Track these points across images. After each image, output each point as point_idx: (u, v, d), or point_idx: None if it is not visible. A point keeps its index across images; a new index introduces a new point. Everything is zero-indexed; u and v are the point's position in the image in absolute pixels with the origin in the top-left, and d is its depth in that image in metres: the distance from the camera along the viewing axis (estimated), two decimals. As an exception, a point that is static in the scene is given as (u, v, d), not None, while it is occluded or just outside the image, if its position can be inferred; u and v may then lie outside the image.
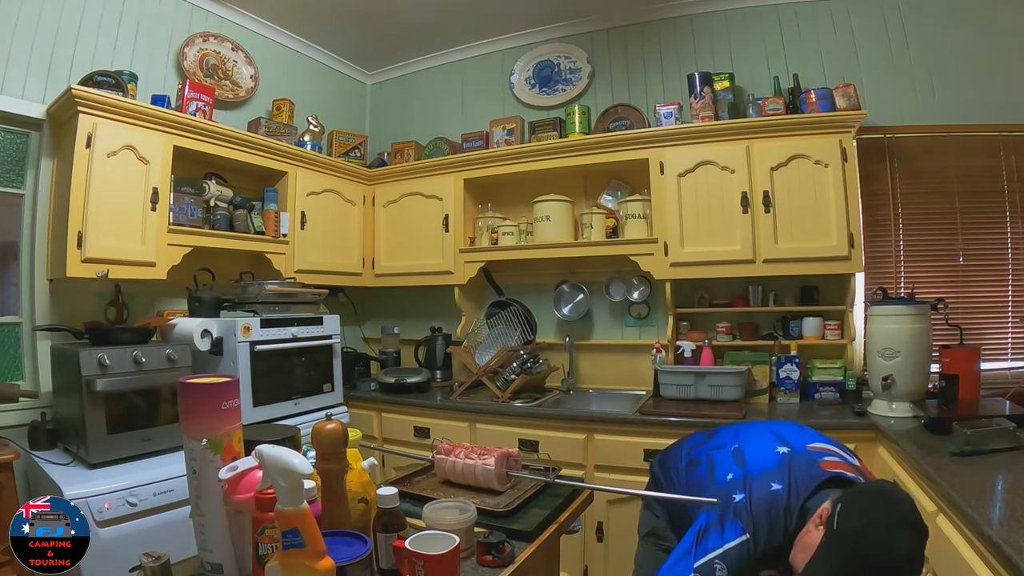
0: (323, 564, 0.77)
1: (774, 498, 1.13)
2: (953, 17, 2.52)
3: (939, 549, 1.29)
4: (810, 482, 1.13)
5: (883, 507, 1.00)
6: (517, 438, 2.46)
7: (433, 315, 3.37)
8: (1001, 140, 2.45)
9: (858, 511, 1.00)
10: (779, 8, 2.80)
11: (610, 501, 2.26)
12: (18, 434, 2.00)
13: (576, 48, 3.24)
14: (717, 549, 1.12)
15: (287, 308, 2.61)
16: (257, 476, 0.90)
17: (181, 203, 2.39)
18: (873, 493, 1.05)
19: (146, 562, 0.88)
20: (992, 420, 1.65)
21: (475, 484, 1.33)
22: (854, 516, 0.99)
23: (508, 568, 1.01)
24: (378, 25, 3.23)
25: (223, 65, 2.88)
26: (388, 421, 2.85)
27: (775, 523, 1.11)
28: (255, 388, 2.34)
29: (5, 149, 2.17)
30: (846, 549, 0.97)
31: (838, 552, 0.98)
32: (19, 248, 2.20)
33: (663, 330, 2.83)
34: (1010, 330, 2.47)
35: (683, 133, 2.60)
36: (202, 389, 0.93)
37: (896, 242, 2.59)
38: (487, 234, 3.09)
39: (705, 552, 1.13)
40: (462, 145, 3.29)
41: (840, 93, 2.49)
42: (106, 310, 2.32)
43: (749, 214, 2.46)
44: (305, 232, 2.91)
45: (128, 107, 2.16)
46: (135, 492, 1.71)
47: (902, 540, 0.96)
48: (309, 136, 3.10)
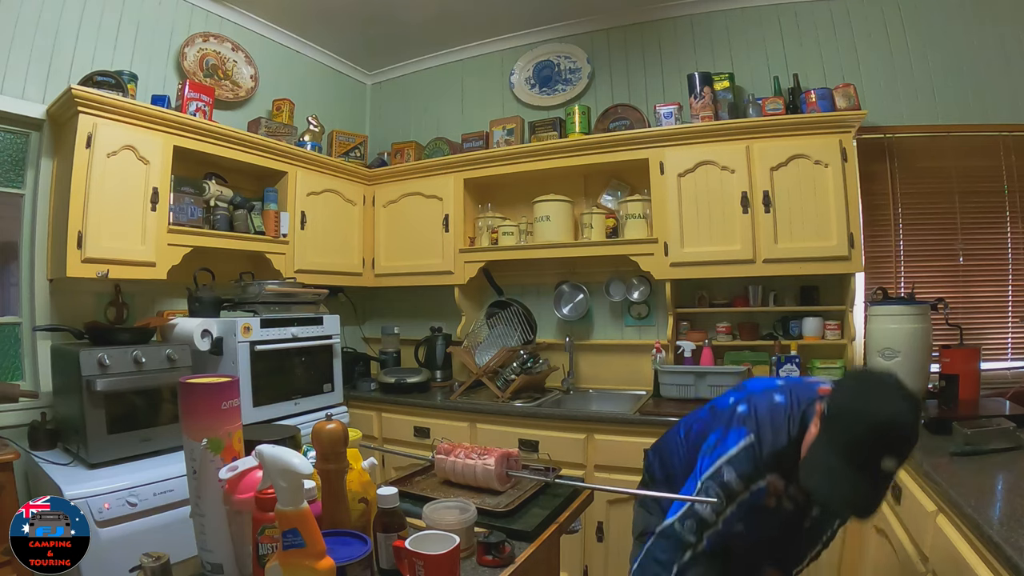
0: (323, 564, 0.77)
1: (776, 407, 1.19)
2: (953, 17, 2.52)
3: (939, 549, 1.29)
4: (810, 396, 1.18)
5: (870, 384, 1.06)
6: (517, 438, 2.46)
7: (433, 315, 3.37)
8: (1001, 140, 2.45)
9: (847, 393, 1.05)
10: (779, 8, 2.80)
11: (610, 501, 2.26)
12: (18, 434, 2.00)
13: (576, 48, 3.24)
14: (724, 455, 1.17)
15: (287, 308, 2.61)
16: (257, 476, 0.90)
17: (181, 203, 2.38)
18: (859, 376, 1.13)
19: (146, 562, 0.88)
20: (992, 420, 1.65)
21: (475, 484, 1.33)
22: (844, 398, 1.05)
23: (508, 568, 1.01)
24: (378, 25, 3.23)
25: (223, 65, 2.88)
26: (388, 421, 2.85)
27: (778, 428, 1.15)
28: (255, 388, 2.34)
29: (5, 149, 2.17)
30: (841, 427, 1.01)
31: (834, 434, 1.02)
32: (19, 248, 2.20)
33: (663, 330, 2.84)
34: (1010, 330, 2.47)
35: (683, 133, 2.60)
36: (202, 389, 0.93)
37: (896, 242, 2.59)
38: (487, 234, 3.09)
39: (713, 461, 1.18)
40: (462, 145, 3.29)
41: (840, 93, 2.49)
42: (106, 310, 2.32)
43: (749, 214, 2.46)
44: (305, 232, 2.91)
45: (128, 107, 2.16)
46: (135, 492, 1.71)
47: (893, 404, 0.99)
48: (309, 136, 3.10)
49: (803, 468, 1.07)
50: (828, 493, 1.01)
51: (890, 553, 1.67)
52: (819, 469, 1.02)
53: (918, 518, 1.45)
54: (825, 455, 1.02)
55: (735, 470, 1.15)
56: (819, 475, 1.02)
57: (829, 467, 1.00)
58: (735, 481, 1.15)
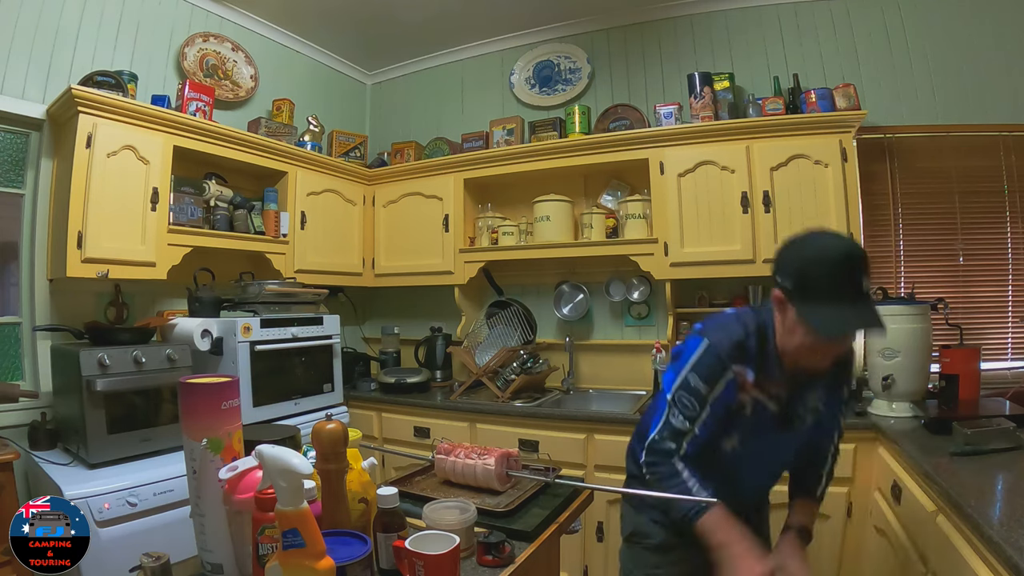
0: (323, 564, 0.77)
1: (725, 315, 1.29)
2: (953, 17, 2.52)
3: (939, 549, 1.29)
4: (758, 309, 1.28)
5: (792, 246, 1.18)
6: (517, 438, 2.46)
7: (433, 315, 3.37)
8: (1001, 140, 2.45)
9: (785, 264, 1.17)
10: (779, 8, 2.80)
11: (610, 501, 2.26)
12: (18, 434, 2.00)
13: (576, 48, 3.24)
14: (686, 364, 1.23)
15: (287, 308, 2.61)
16: (257, 476, 0.90)
17: (181, 203, 2.38)
18: (782, 251, 1.20)
19: (146, 562, 0.88)
20: (992, 420, 1.64)
21: (475, 484, 1.33)
22: (786, 268, 1.16)
23: (508, 568, 1.01)
24: (378, 25, 3.23)
25: (223, 65, 2.88)
26: (388, 421, 2.85)
27: (731, 327, 1.23)
28: (255, 388, 2.34)
29: (5, 149, 2.17)
30: (800, 285, 1.12)
31: (799, 293, 1.12)
32: (19, 248, 2.20)
33: (663, 330, 2.83)
34: (1010, 330, 2.47)
35: (683, 133, 2.60)
36: (202, 389, 0.93)
37: (896, 242, 2.59)
38: (487, 234, 3.09)
39: (678, 373, 1.25)
40: (462, 145, 3.29)
41: (840, 93, 2.49)
42: (106, 310, 2.32)
43: (749, 214, 2.46)
44: (305, 232, 2.91)
45: (128, 107, 2.16)
46: (135, 492, 1.71)
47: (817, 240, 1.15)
48: (309, 136, 3.10)
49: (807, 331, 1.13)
50: (834, 331, 1.10)
51: (890, 553, 1.68)
52: (813, 320, 1.10)
53: (918, 518, 1.45)
54: (808, 312, 1.10)
55: (698, 374, 1.21)
56: (817, 322, 1.09)
57: (818, 316, 1.09)
58: (702, 385, 1.20)
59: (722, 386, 1.20)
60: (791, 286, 1.13)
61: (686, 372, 1.22)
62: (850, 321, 1.10)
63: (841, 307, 1.08)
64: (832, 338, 1.13)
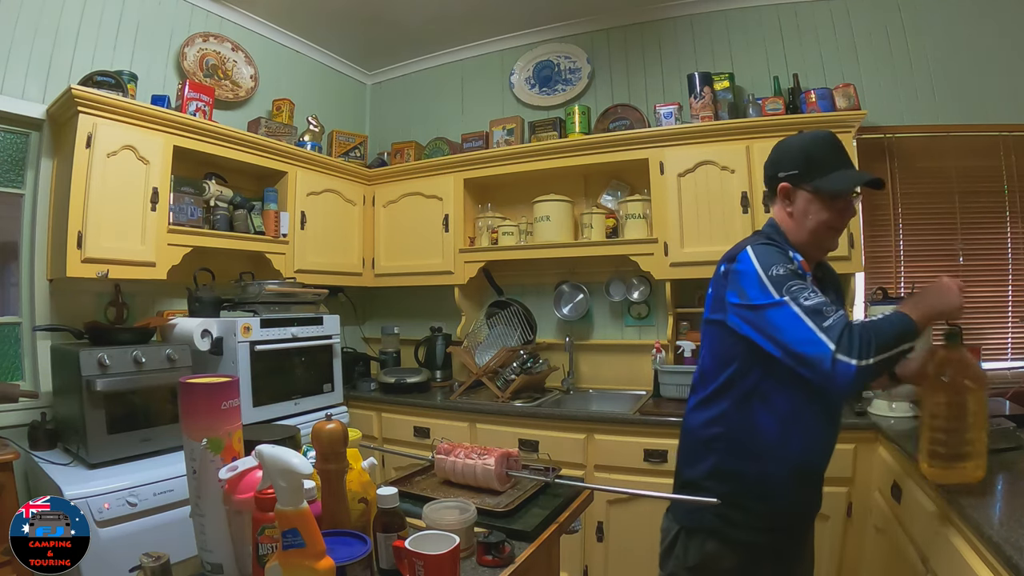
0: (323, 564, 0.77)
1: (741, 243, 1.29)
2: (953, 17, 2.52)
3: (939, 549, 1.29)
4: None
5: (788, 138, 1.32)
6: (517, 438, 2.46)
7: (433, 315, 3.37)
8: (1001, 140, 2.45)
9: (784, 150, 1.30)
10: (779, 8, 2.80)
11: (610, 501, 2.26)
12: (18, 434, 2.00)
13: (576, 48, 3.24)
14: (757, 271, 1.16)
15: (287, 308, 2.61)
16: (257, 476, 0.90)
17: (181, 203, 2.38)
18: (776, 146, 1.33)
19: (146, 562, 0.88)
20: (992, 420, 1.64)
21: (475, 484, 1.33)
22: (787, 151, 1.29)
23: (508, 568, 1.01)
24: (378, 25, 3.23)
25: (223, 65, 2.88)
26: (388, 421, 2.85)
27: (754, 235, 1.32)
28: (255, 388, 2.34)
29: (5, 149, 2.17)
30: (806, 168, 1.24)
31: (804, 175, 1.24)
32: (19, 248, 2.20)
33: (663, 330, 2.83)
34: (1010, 330, 2.47)
35: (683, 133, 2.60)
36: (202, 389, 0.93)
37: (896, 242, 2.59)
38: (487, 234, 3.09)
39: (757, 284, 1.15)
40: (462, 145, 3.29)
41: (840, 93, 2.49)
42: (106, 310, 2.32)
43: (749, 214, 2.46)
44: (305, 232, 2.91)
45: (128, 107, 2.16)
46: (135, 492, 1.71)
47: (812, 132, 1.31)
48: (309, 136, 3.10)
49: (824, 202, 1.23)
50: (854, 182, 1.23)
51: (890, 553, 1.68)
52: (832, 183, 1.22)
53: (918, 518, 1.45)
54: (824, 181, 1.22)
55: (775, 264, 1.14)
56: (836, 183, 1.21)
57: (834, 180, 1.21)
58: (788, 265, 1.15)
59: (797, 265, 1.18)
60: (800, 169, 1.25)
61: (766, 270, 1.13)
62: (861, 175, 1.25)
63: (848, 169, 1.24)
64: (852, 194, 1.24)
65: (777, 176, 1.29)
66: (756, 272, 1.15)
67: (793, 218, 1.28)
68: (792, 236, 1.28)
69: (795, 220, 1.27)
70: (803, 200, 1.25)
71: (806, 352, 1.05)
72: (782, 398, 1.21)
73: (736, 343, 1.22)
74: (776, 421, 1.22)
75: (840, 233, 1.29)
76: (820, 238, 1.26)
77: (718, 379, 1.27)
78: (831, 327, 1.04)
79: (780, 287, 1.10)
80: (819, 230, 1.25)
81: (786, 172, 1.27)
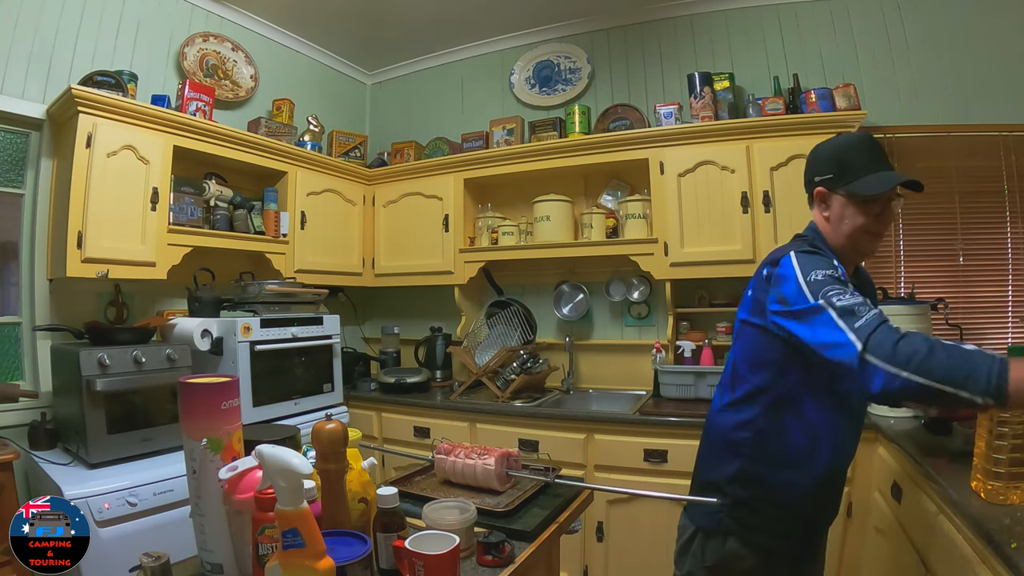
0: (323, 564, 0.77)
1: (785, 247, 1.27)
2: (953, 17, 2.52)
3: (939, 549, 1.29)
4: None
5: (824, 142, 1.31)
6: (517, 438, 2.46)
7: (433, 315, 3.37)
8: (1001, 140, 2.45)
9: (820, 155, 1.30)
10: (779, 8, 2.80)
11: (610, 501, 2.26)
12: (18, 434, 2.00)
13: (576, 48, 3.24)
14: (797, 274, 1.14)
15: (287, 308, 2.61)
16: (257, 476, 0.90)
17: (181, 203, 2.38)
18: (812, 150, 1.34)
19: (146, 562, 0.88)
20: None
21: (475, 484, 1.33)
22: (823, 155, 1.29)
23: (508, 568, 1.01)
24: (378, 25, 3.23)
25: (223, 65, 2.88)
26: (388, 421, 2.85)
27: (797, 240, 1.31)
28: (255, 388, 2.34)
29: (5, 149, 2.17)
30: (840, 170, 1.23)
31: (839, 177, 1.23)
32: (19, 248, 2.20)
33: (663, 330, 2.83)
34: (1010, 330, 2.47)
35: (683, 133, 2.60)
36: (202, 389, 0.93)
37: (896, 242, 2.59)
38: (487, 234, 3.09)
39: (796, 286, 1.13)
40: (462, 145, 3.29)
41: (840, 93, 2.49)
42: (106, 310, 2.32)
43: (749, 214, 2.46)
44: (305, 232, 2.91)
45: (128, 107, 2.16)
46: (135, 492, 1.71)
47: (847, 134, 1.33)
48: (309, 136, 3.10)
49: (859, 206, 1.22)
50: (888, 183, 1.19)
51: (890, 553, 1.68)
52: (866, 187, 1.19)
53: (918, 518, 1.45)
54: (859, 184, 1.20)
55: (816, 268, 1.12)
56: (871, 185, 1.19)
57: (868, 182, 1.19)
58: (828, 270, 1.11)
59: (840, 272, 1.13)
60: (834, 173, 1.24)
61: (806, 276, 1.11)
62: (896, 176, 1.20)
63: (883, 170, 1.20)
64: (888, 197, 1.20)
65: (813, 180, 1.29)
66: (796, 277, 1.13)
67: (830, 223, 1.27)
68: (831, 240, 1.27)
69: (832, 225, 1.26)
70: (838, 204, 1.24)
71: (836, 355, 1.03)
72: (813, 409, 1.20)
73: (773, 349, 1.20)
74: (806, 431, 1.21)
75: (879, 238, 1.25)
76: (857, 242, 1.24)
77: (751, 383, 1.25)
78: (862, 327, 1.00)
79: (817, 292, 1.09)
80: (855, 234, 1.23)
81: (821, 176, 1.26)
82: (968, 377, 0.90)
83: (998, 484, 1.13)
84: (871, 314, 1.01)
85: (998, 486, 1.13)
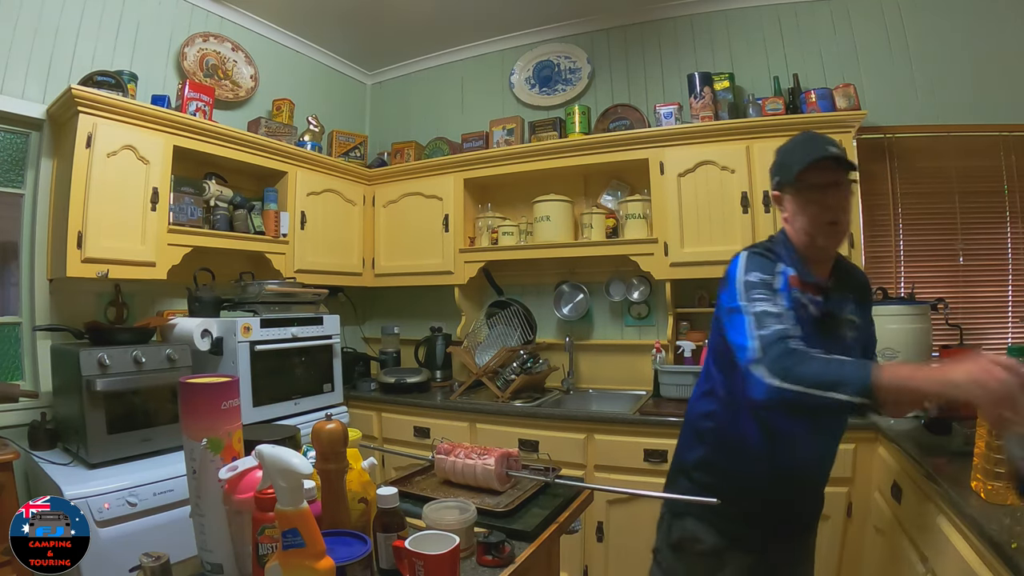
0: (323, 564, 0.77)
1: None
2: (953, 17, 2.52)
3: (939, 549, 1.29)
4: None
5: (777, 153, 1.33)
6: (517, 438, 2.46)
7: (433, 315, 3.37)
8: (1001, 140, 2.45)
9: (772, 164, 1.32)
10: (779, 8, 2.80)
11: (610, 501, 2.26)
12: (18, 434, 2.00)
13: (576, 48, 3.24)
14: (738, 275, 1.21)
15: (287, 308, 2.61)
16: (257, 476, 0.90)
17: (181, 203, 2.38)
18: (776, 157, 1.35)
19: (146, 562, 0.88)
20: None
21: (475, 484, 1.33)
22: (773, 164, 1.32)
23: (508, 568, 1.01)
24: (378, 25, 3.23)
25: (223, 65, 2.88)
26: (388, 421, 2.85)
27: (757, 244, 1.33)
28: (255, 388, 2.34)
29: (5, 149, 2.17)
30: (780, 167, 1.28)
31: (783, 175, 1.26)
32: (19, 248, 2.20)
33: (663, 330, 2.83)
34: (1010, 330, 2.47)
35: (683, 133, 2.60)
36: (202, 389, 0.93)
37: (896, 242, 2.59)
38: (487, 234, 3.09)
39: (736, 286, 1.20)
40: (462, 145, 3.29)
41: (840, 93, 2.49)
42: (106, 310, 2.32)
43: (749, 214, 2.45)
44: (305, 232, 2.91)
45: (128, 107, 2.16)
46: (135, 492, 1.71)
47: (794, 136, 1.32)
48: (309, 136, 3.10)
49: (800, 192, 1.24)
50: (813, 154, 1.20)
51: (890, 553, 1.68)
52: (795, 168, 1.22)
53: (918, 518, 1.45)
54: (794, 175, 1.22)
55: (755, 270, 1.19)
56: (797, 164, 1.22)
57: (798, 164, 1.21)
58: (763, 276, 1.18)
59: (780, 279, 1.20)
60: (779, 175, 1.28)
61: (743, 276, 1.20)
62: (817, 150, 1.20)
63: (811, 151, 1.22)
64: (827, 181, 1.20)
65: (772, 190, 1.33)
66: (735, 277, 1.21)
67: (789, 223, 1.30)
68: (795, 241, 1.28)
69: (791, 225, 1.29)
70: (788, 203, 1.28)
71: (740, 357, 1.11)
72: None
73: (727, 346, 1.22)
74: (762, 430, 1.24)
75: (836, 227, 1.23)
76: (815, 236, 1.24)
77: (714, 377, 1.32)
78: (764, 336, 1.07)
79: (744, 294, 1.16)
80: (810, 228, 1.23)
81: (772, 183, 1.32)
82: (838, 382, 0.98)
83: (998, 484, 1.13)
84: (778, 327, 1.07)
85: (998, 486, 1.13)
